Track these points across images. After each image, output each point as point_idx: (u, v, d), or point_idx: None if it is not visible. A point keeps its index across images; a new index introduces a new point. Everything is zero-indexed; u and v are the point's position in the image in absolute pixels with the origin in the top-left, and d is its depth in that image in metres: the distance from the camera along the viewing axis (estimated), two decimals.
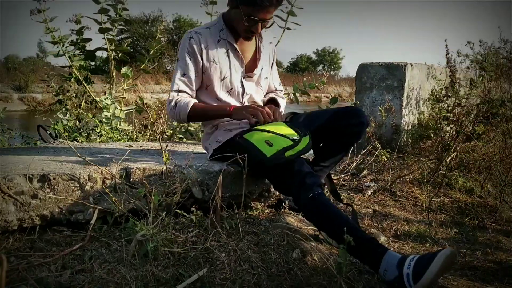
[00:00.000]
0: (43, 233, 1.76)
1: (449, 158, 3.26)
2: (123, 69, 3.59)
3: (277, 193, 2.36)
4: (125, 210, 1.80)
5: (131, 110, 3.87)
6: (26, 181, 1.70)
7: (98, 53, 4.04)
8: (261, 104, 2.33)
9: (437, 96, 3.27)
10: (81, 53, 3.96)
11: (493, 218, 2.74)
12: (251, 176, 2.11)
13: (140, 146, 2.77)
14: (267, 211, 2.28)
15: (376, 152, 3.44)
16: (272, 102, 2.37)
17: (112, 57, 3.94)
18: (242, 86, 2.23)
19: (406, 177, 3.20)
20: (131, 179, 1.89)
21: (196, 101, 2.18)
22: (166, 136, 3.66)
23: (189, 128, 3.61)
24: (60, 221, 1.77)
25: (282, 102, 2.38)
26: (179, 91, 2.16)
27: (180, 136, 3.56)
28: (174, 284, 1.51)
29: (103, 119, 3.41)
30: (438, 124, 3.50)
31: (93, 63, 4.05)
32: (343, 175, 3.27)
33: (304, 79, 3.70)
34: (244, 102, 2.25)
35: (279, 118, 2.13)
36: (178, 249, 1.67)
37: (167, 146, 2.05)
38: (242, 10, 2.01)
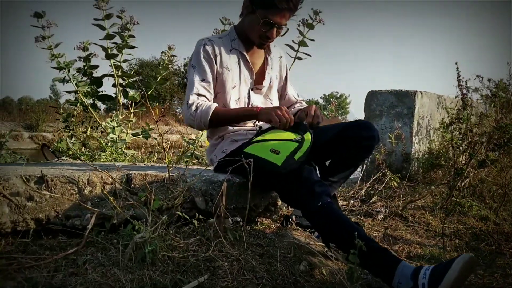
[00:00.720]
0: (37, 238, 1.67)
1: (462, 184, 3.16)
2: (131, 92, 3.58)
3: (284, 208, 2.27)
4: (125, 215, 1.71)
5: (137, 137, 3.84)
6: (23, 182, 1.64)
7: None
8: None
9: (450, 118, 3.20)
10: (88, 79, 3.96)
11: (511, 244, 2.60)
12: (257, 188, 2.03)
13: (144, 164, 2.71)
14: (273, 226, 2.18)
15: (387, 179, 3.34)
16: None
17: (118, 83, 3.93)
18: (249, 97, 2.20)
19: (417, 201, 3.09)
20: (132, 185, 1.82)
21: (217, 105, 2.11)
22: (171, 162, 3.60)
23: (195, 152, 3.56)
24: (56, 225, 1.69)
25: None
26: (199, 94, 2.09)
27: (186, 160, 3.50)
28: None
29: (109, 142, 3.36)
30: (450, 151, 3.42)
31: (100, 89, 4.03)
32: (352, 201, 3.17)
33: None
34: None
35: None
36: (177, 254, 1.58)
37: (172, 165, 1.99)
38: (258, 14, 2.02)
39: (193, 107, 2.06)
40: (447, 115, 3.54)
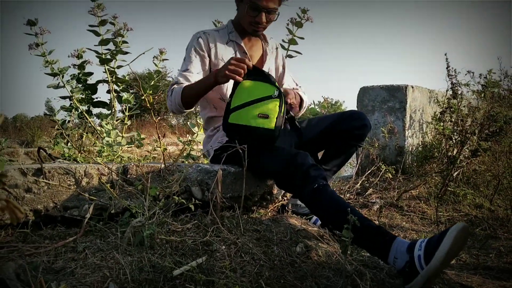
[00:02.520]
0: (36, 229, 1.69)
1: (456, 173, 3.19)
2: (125, 95, 3.61)
3: (280, 197, 2.29)
4: (123, 204, 1.73)
5: (131, 146, 3.85)
6: (21, 174, 1.66)
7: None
8: None
9: (441, 108, 3.24)
10: (83, 86, 3.98)
11: (505, 228, 2.63)
12: (252, 177, 2.07)
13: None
14: (269, 214, 2.21)
15: (381, 173, 3.38)
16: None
17: (113, 88, 3.97)
18: None
19: (412, 192, 3.12)
20: (129, 175, 1.84)
21: (189, 83, 2.13)
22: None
23: (191, 152, 3.58)
24: (54, 216, 1.71)
25: (304, 97, 2.36)
26: (177, 83, 2.12)
27: (183, 160, 3.53)
28: (170, 271, 1.44)
29: (104, 145, 3.38)
30: (443, 143, 3.46)
31: (94, 96, 4.06)
32: (348, 194, 3.20)
33: None
34: None
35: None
36: (175, 238, 1.60)
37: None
38: (245, 0, 2.07)
39: (169, 93, 2.10)
40: (439, 108, 3.58)
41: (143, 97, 1.88)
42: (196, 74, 2.15)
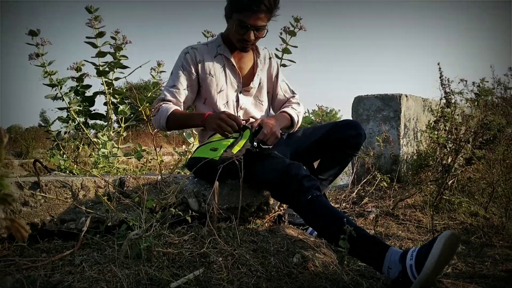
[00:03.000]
0: (33, 242, 1.70)
1: (451, 181, 3.21)
2: (121, 107, 3.62)
3: (276, 207, 2.30)
4: (119, 216, 1.74)
5: (131, 157, 3.85)
6: (17, 187, 1.67)
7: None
8: (259, 117, 2.33)
9: (435, 117, 3.27)
10: (81, 98, 3.98)
11: (501, 236, 2.65)
12: (248, 188, 2.08)
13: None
14: (266, 225, 2.22)
15: (377, 182, 3.39)
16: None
17: (110, 100, 3.97)
18: (237, 100, 2.26)
19: (408, 201, 3.14)
20: (125, 188, 1.85)
21: (178, 108, 2.21)
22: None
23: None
24: (51, 230, 1.71)
25: (293, 112, 2.35)
26: (164, 100, 2.21)
27: (179, 171, 3.53)
28: (167, 283, 1.44)
29: (100, 157, 3.38)
30: (437, 151, 3.48)
31: (92, 108, 4.06)
32: (344, 204, 3.21)
33: None
34: (239, 116, 2.26)
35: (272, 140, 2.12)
36: (172, 250, 1.61)
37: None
38: (233, 18, 2.08)
39: (155, 108, 2.13)
40: (433, 117, 3.61)
41: (139, 109, 1.89)
42: (182, 90, 2.23)
